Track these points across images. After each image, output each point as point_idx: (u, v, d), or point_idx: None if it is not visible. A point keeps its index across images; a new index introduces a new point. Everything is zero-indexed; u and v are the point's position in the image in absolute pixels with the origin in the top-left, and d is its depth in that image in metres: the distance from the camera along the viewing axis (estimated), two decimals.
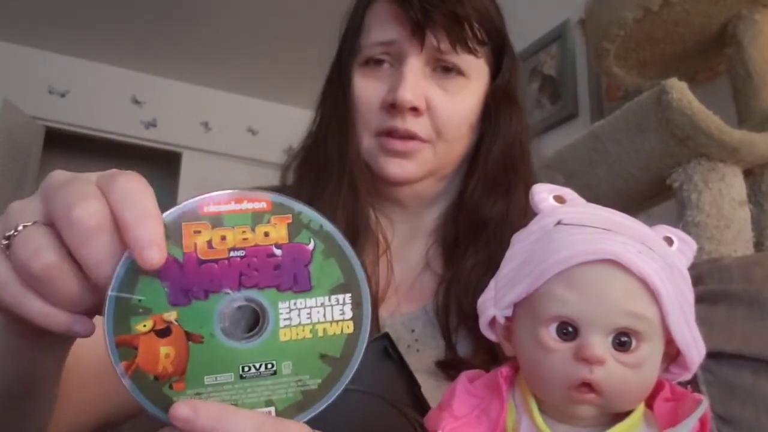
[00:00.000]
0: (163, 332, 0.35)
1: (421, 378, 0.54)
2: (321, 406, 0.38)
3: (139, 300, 0.35)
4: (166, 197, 4.79)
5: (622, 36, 1.41)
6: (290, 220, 0.37)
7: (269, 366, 0.37)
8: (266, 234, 0.37)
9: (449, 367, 0.62)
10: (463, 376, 0.44)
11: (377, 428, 0.51)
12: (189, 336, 0.35)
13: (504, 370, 0.42)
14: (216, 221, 0.36)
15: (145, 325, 0.35)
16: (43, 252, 0.35)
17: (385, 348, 0.54)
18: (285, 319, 0.37)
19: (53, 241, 0.35)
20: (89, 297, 0.36)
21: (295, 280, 0.37)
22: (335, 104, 0.71)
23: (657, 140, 1.21)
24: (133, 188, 0.35)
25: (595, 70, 1.93)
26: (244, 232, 0.36)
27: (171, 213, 0.36)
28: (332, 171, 0.69)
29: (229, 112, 4.54)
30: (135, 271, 0.34)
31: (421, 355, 0.65)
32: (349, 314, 0.38)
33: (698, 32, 1.44)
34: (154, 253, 0.33)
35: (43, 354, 0.46)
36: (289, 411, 0.37)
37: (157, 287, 0.35)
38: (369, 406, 0.52)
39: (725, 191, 1.18)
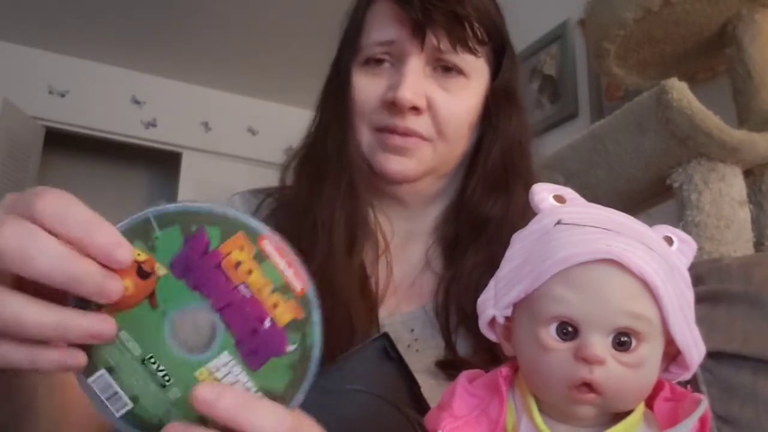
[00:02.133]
0: (143, 272, 0.35)
1: (420, 378, 0.54)
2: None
3: (156, 237, 0.36)
4: (166, 197, 4.78)
5: (622, 36, 1.41)
6: (300, 316, 0.37)
7: (166, 378, 0.37)
8: (275, 305, 0.37)
9: (449, 367, 0.62)
10: (463, 376, 0.44)
11: (377, 428, 0.51)
12: (150, 296, 0.36)
13: (504, 370, 0.42)
14: (260, 258, 0.37)
15: (139, 254, 0.35)
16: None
17: (384, 348, 0.54)
18: (224, 374, 0.37)
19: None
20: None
21: (255, 355, 0.37)
22: (335, 104, 0.71)
23: (657, 140, 1.21)
24: (61, 204, 0.34)
25: (595, 70, 1.93)
26: (266, 285, 0.37)
27: (244, 216, 0.36)
28: (331, 170, 0.69)
29: (229, 112, 4.54)
30: (170, 218, 0.36)
31: (421, 355, 0.65)
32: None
33: (698, 32, 1.44)
34: (124, 250, 0.33)
35: (14, 387, 0.45)
36: None
37: (176, 241, 0.36)
38: (368, 405, 0.52)
39: (725, 191, 1.17)
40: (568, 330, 0.37)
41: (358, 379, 0.52)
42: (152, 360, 0.37)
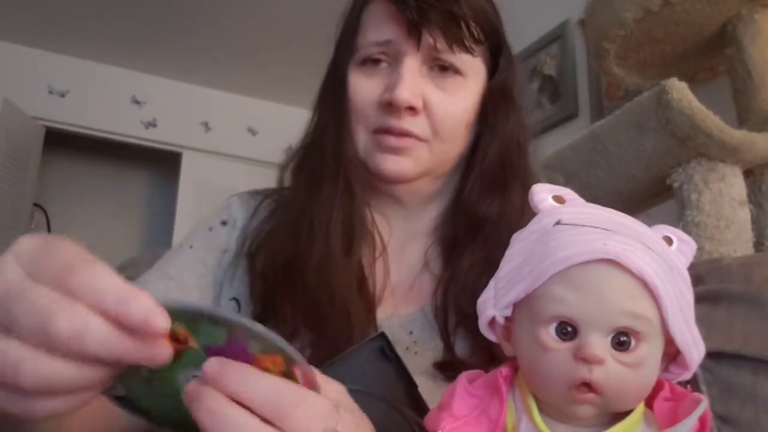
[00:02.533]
0: (176, 338, 0.35)
1: (419, 380, 0.54)
2: None
3: (201, 327, 0.35)
4: (166, 197, 4.77)
5: (622, 36, 1.41)
6: None
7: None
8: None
9: (447, 368, 0.62)
10: (463, 377, 0.44)
11: (375, 428, 0.51)
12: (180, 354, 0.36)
13: (504, 370, 0.42)
14: (289, 376, 0.37)
15: (178, 329, 0.35)
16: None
17: (381, 348, 0.54)
18: None
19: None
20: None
21: None
22: (332, 104, 0.71)
23: (657, 140, 1.21)
24: (96, 279, 0.34)
25: (595, 70, 1.93)
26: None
27: (290, 347, 0.36)
28: (328, 170, 0.69)
29: (229, 112, 4.54)
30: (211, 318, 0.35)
31: (420, 357, 0.65)
32: None
33: (698, 32, 1.44)
34: (159, 317, 0.33)
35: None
36: None
37: (218, 338, 0.36)
38: (367, 405, 0.52)
39: (725, 191, 1.18)
40: (568, 330, 0.37)
41: (355, 378, 0.52)
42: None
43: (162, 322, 0.33)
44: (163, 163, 4.65)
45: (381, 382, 0.53)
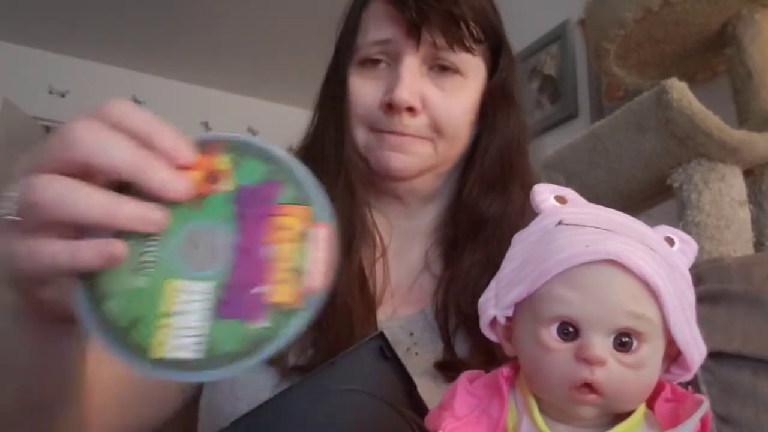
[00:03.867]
0: (212, 178, 0.37)
1: (420, 380, 0.54)
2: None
3: (246, 160, 0.38)
4: None
5: (622, 36, 1.41)
6: (294, 305, 0.36)
7: (144, 267, 0.37)
8: (281, 281, 0.36)
9: (448, 369, 0.62)
10: (464, 377, 0.44)
11: (373, 428, 0.51)
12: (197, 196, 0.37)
13: (505, 370, 0.42)
14: (305, 238, 0.37)
15: (222, 163, 0.38)
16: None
17: (380, 348, 0.54)
18: (189, 300, 0.37)
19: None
20: None
21: (226, 309, 0.36)
22: (332, 104, 0.71)
23: (657, 140, 1.21)
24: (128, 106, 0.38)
25: (595, 70, 1.93)
26: (288, 261, 0.36)
27: (327, 205, 0.37)
28: (328, 170, 0.69)
29: (229, 112, 4.54)
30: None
31: (420, 358, 0.65)
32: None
33: (698, 32, 1.44)
34: (188, 149, 0.38)
35: (61, 349, 0.46)
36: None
37: (256, 175, 0.37)
38: (365, 405, 0.52)
39: (725, 191, 1.18)
40: (569, 330, 0.37)
41: (354, 379, 0.52)
42: (150, 245, 0.37)
43: (189, 153, 0.37)
44: None
45: (379, 381, 0.53)
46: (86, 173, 0.37)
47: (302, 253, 0.36)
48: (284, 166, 0.37)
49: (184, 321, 0.36)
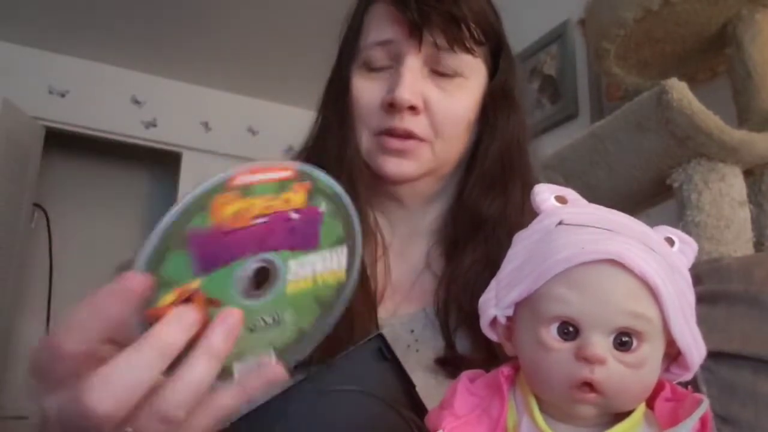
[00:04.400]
0: (187, 302, 0.36)
1: (421, 377, 0.54)
2: (313, 343, 0.42)
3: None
4: (166, 197, 4.76)
5: (622, 36, 1.41)
6: (309, 187, 0.40)
7: (275, 318, 0.39)
8: (287, 200, 0.39)
9: (449, 364, 0.62)
10: (464, 376, 0.44)
11: (374, 428, 0.52)
12: (210, 302, 0.37)
13: (505, 369, 0.42)
14: (246, 191, 0.38)
15: (169, 299, 0.36)
16: None
17: (379, 348, 0.54)
18: (293, 274, 0.40)
19: None
20: None
21: (306, 239, 0.40)
22: (335, 106, 0.72)
23: (657, 140, 1.20)
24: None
25: (595, 70, 1.93)
26: (269, 199, 0.39)
27: (204, 185, 0.37)
28: (331, 170, 0.69)
29: (229, 112, 4.53)
30: (163, 246, 0.36)
31: (421, 354, 0.65)
32: (344, 264, 0.42)
33: (698, 32, 1.43)
34: None
35: None
36: (286, 350, 0.40)
37: (183, 259, 0.37)
38: (365, 406, 0.52)
39: (725, 191, 1.17)
40: (569, 330, 0.38)
41: (353, 379, 0.52)
42: (255, 321, 0.39)
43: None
44: (163, 163, 4.64)
45: (379, 382, 0.53)
46: None
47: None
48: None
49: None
